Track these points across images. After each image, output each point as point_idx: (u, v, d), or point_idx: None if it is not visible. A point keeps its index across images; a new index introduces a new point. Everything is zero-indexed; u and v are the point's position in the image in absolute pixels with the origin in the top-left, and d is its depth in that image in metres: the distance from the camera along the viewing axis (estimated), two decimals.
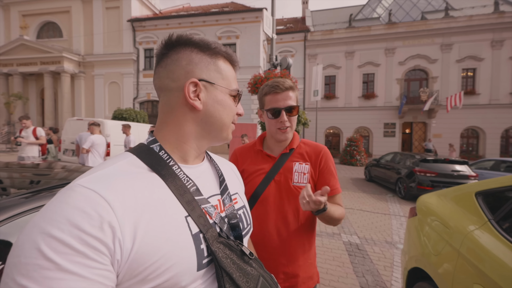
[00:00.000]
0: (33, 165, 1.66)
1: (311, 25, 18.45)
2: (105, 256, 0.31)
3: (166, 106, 0.47)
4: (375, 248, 3.21)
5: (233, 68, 0.52)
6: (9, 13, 17.77)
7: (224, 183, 0.54)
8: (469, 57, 15.23)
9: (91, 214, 0.31)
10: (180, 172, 0.44)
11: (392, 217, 4.65)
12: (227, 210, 0.50)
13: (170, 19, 16.05)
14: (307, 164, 0.93)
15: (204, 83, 0.46)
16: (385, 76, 16.48)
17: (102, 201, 0.33)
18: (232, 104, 0.50)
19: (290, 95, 0.88)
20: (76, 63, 16.68)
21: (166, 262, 0.35)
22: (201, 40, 0.47)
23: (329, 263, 2.75)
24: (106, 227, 0.32)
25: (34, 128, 4.53)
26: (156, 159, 0.43)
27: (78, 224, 0.30)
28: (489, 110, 15.01)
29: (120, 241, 0.32)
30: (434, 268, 1.31)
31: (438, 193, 1.72)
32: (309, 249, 0.92)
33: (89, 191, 0.33)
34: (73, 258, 0.29)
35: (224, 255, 0.41)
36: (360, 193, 6.67)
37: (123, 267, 0.33)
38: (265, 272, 0.49)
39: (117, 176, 0.37)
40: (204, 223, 0.42)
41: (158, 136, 0.47)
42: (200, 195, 0.45)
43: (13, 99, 15.10)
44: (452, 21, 15.29)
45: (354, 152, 12.99)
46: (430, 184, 5.68)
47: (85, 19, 16.96)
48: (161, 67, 0.47)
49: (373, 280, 2.45)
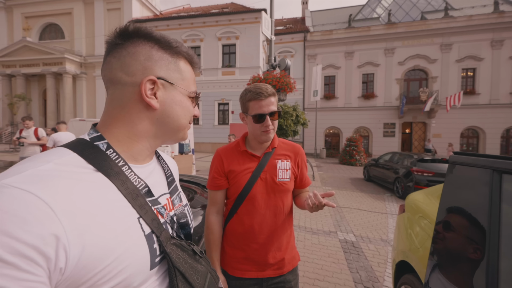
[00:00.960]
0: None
1: (311, 26, 18.52)
2: (39, 268, 0.27)
3: (117, 101, 0.43)
4: (370, 246, 3.29)
5: (193, 70, 0.51)
6: (12, 15, 17.97)
7: (174, 184, 0.54)
8: (469, 57, 15.26)
9: (26, 219, 0.27)
10: (131, 173, 0.42)
11: (389, 216, 4.72)
12: (177, 210, 0.51)
13: (171, 20, 16.16)
14: (288, 161, 1.03)
15: (162, 82, 0.44)
16: (385, 76, 16.53)
17: (42, 204, 0.29)
18: (190, 106, 0.49)
19: (272, 100, 0.95)
20: (78, 64, 16.84)
21: (119, 264, 0.34)
22: (162, 37, 0.45)
23: (324, 260, 2.83)
24: (47, 234, 0.28)
25: (35, 128, 4.56)
26: (103, 159, 0.39)
27: (9, 231, 0.26)
28: (489, 110, 15.03)
29: (65, 248, 0.29)
30: (418, 261, 1.39)
31: (425, 191, 1.80)
32: (290, 234, 1.05)
33: (23, 192, 0.29)
34: (0, 271, 0.26)
35: (178, 256, 0.42)
36: (358, 192, 6.73)
37: (67, 276, 0.30)
38: (211, 269, 0.52)
39: (56, 176, 0.32)
40: (158, 226, 0.41)
41: (104, 132, 0.43)
42: (152, 196, 0.44)
43: (16, 100, 15.26)
44: (451, 21, 15.32)
45: (353, 152, 13.03)
46: (427, 183, 5.74)
47: (87, 21, 17.13)
48: (113, 58, 0.43)
49: (366, 276, 2.53)
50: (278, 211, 0.99)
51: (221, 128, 15.44)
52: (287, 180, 1.01)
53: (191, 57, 0.49)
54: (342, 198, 6.02)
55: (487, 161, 0.95)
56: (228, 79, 15.44)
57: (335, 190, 6.86)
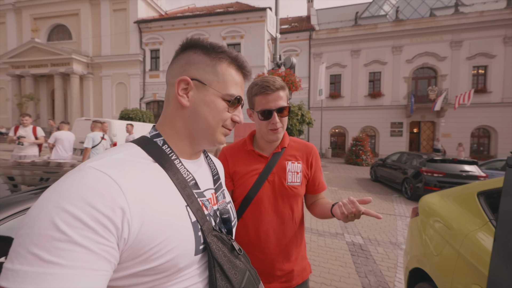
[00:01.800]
0: (43, 164, 1.72)
1: (316, 24, 18.30)
2: (111, 235, 0.33)
3: (166, 101, 0.51)
4: (378, 249, 3.17)
5: (240, 75, 0.52)
6: (21, 16, 18.35)
7: (219, 181, 0.58)
8: (480, 54, 14.80)
9: (103, 194, 0.34)
10: (181, 166, 0.47)
11: (398, 217, 4.58)
12: (220, 205, 0.54)
13: (176, 20, 16.21)
14: (299, 163, 0.93)
15: (196, 83, 0.48)
16: (392, 75, 16.19)
17: (114, 184, 0.35)
18: (222, 108, 0.50)
19: (281, 95, 0.85)
20: (85, 64, 17.07)
21: (169, 244, 0.39)
22: (209, 44, 0.49)
23: (331, 263, 2.74)
24: (116, 207, 0.34)
25: (33, 127, 4.45)
26: (159, 152, 0.46)
27: (91, 202, 0.32)
28: (501, 108, 14.55)
29: (128, 222, 0.35)
30: (434, 269, 1.29)
31: (441, 193, 1.69)
32: (300, 243, 0.95)
33: (102, 174, 0.36)
34: (83, 233, 0.31)
35: (217, 247, 0.45)
36: (365, 193, 6.58)
37: (129, 246, 0.35)
38: (251, 268, 0.53)
39: (125, 163, 0.40)
40: (202, 216, 0.45)
41: (160, 129, 0.50)
42: (198, 189, 0.49)
43: (25, 100, 15.58)
44: (462, 17, 14.88)
45: (359, 152, 12.81)
46: (437, 184, 5.56)
47: (93, 22, 17.34)
48: (170, 65, 0.52)
49: (375, 281, 2.43)
50: (286, 218, 0.90)
51: None
52: (297, 184, 0.91)
53: (237, 61, 0.51)
54: None
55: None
56: None
57: (341, 190, 6.72)
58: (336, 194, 6.24)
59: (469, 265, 1.03)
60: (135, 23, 16.52)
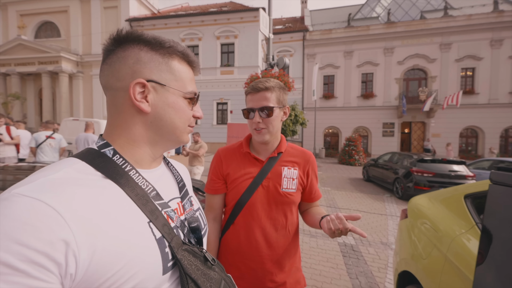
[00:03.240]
0: (29, 168, 1.64)
1: (310, 25, 18.41)
2: (51, 274, 0.28)
3: (113, 107, 0.44)
4: (370, 249, 3.19)
5: (191, 69, 0.49)
6: (7, 12, 17.71)
7: (184, 188, 0.54)
8: (468, 56, 15.20)
9: (36, 226, 0.28)
10: (139, 177, 0.42)
11: (389, 217, 4.63)
12: (188, 214, 0.50)
13: (168, 19, 15.99)
14: (295, 169, 0.91)
15: (153, 84, 0.43)
16: (384, 76, 16.45)
17: (51, 211, 0.29)
18: (185, 107, 0.47)
19: (267, 95, 0.84)
20: (74, 63, 16.64)
21: (131, 269, 0.34)
22: (154, 38, 0.44)
23: (322, 265, 2.73)
24: (56, 240, 0.28)
25: (7, 126, 4.20)
26: (110, 165, 0.40)
27: (19, 239, 0.27)
28: (488, 109, 14.99)
29: (75, 254, 0.29)
30: (422, 272, 1.29)
31: (429, 195, 1.70)
32: (295, 254, 0.91)
33: (33, 201, 0.29)
34: (9, 278, 0.26)
35: (189, 262, 0.41)
36: (357, 193, 6.64)
37: (78, 281, 0.31)
38: (226, 275, 0.50)
39: (65, 183, 0.33)
40: (169, 232, 0.41)
41: (109, 139, 0.44)
42: (161, 199, 0.44)
43: (10, 99, 15.07)
44: (451, 20, 15.26)
45: (352, 152, 12.95)
46: (427, 184, 5.66)
47: (83, 19, 16.92)
48: (106, 64, 0.44)
49: (366, 282, 2.43)
50: (279, 226, 0.87)
51: (219, 128, 15.32)
52: (293, 191, 0.88)
53: (187, 56, 0.47)
54: (341, 199, 5.92)
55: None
56: (227, 79, 15.31)
57: (334, 190, 6.77)
58: (329, 194, 6.27)
59: (456, 269, 1.03)
60: (127, 21, 16.21)
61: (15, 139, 4.23)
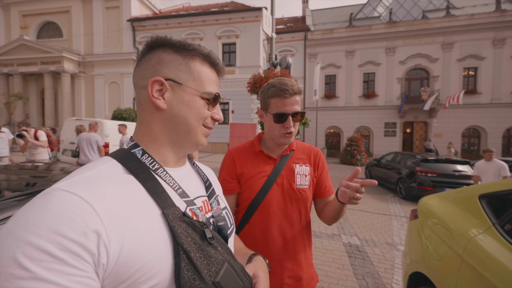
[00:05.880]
0: (32, 167, 1.63)
1: (311, 24, 18.37)
2: (86, 263, 0.29)
3: (139, 105, 0.48)
4: (375, 250, 3.17)
5: (214, 72, 0.50)
6: (9, 13, 17.76)
7: (211, 187, 0.55)
8: (471, 56, 15.12)
9: (72, 218, 0.30)
10: (166, 175, 0.44)
11: (393, 217, 4.61)
12: (215, 212, 0.51)
13: (170, 19, 15.99)
14: (307, 166, 0.92)
15: (171, 83, 0.45)
16: (386, 76, 16.39)
17: (85, 204, 0.32)
18: (201, 107, 0.48)
19: (297, 99, 0.85)
20: (76, 63, 16.66)
21: (159, 262, 0.35)
22: (179, 42, 0.46)
23: (328, 265, 2.72)
24: (89, 231, 0.30)
25: (35, 130, 4.40)
26: (139, 165, 0.42)
27: (57, 229, 0.29)
28: (490, 109, 14.91)
29: (106, 246, 0.31)
30: (436, 273, 1.27)
31: (440, 195, 1.68)
32: (308, 249, 0.93)
33: (70, 195, 0.32)
34: (50, 266, 0.27)
35: (185, 233, 0.38)
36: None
37: (110, 272, 0.32)
38: (235, 261, 0.44)
39: (99, 179, 0.36)
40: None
41: (137, 139, 0.47)
42: (187, 197, 0.46)
43: (13, 99, 15.11)
44: (453, 20, 15.18)
45: (354, 151, 12.91)
46: (431, 184, 5.63)
47: (85, 19, 16.93)
48: (137, 66, 0.48)
49: (373, 283, 2.41)
50: (295, 222, 0.88)
51: (221, 128, 15.29)
52: (306, 187, 0.90)
53: (210, 58, 0.49)
54: None
55: None
56: (228, 79, 15.29)
57: None
58: None
59: (474, 271, 1.01)
60: (128, 21, 16.22)
61: (43, 142, 4.46)
